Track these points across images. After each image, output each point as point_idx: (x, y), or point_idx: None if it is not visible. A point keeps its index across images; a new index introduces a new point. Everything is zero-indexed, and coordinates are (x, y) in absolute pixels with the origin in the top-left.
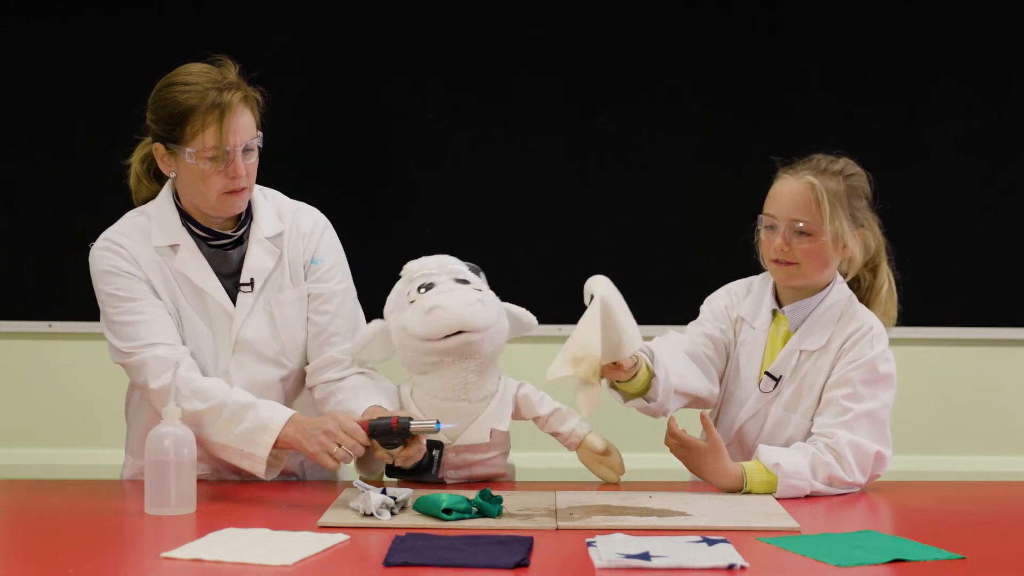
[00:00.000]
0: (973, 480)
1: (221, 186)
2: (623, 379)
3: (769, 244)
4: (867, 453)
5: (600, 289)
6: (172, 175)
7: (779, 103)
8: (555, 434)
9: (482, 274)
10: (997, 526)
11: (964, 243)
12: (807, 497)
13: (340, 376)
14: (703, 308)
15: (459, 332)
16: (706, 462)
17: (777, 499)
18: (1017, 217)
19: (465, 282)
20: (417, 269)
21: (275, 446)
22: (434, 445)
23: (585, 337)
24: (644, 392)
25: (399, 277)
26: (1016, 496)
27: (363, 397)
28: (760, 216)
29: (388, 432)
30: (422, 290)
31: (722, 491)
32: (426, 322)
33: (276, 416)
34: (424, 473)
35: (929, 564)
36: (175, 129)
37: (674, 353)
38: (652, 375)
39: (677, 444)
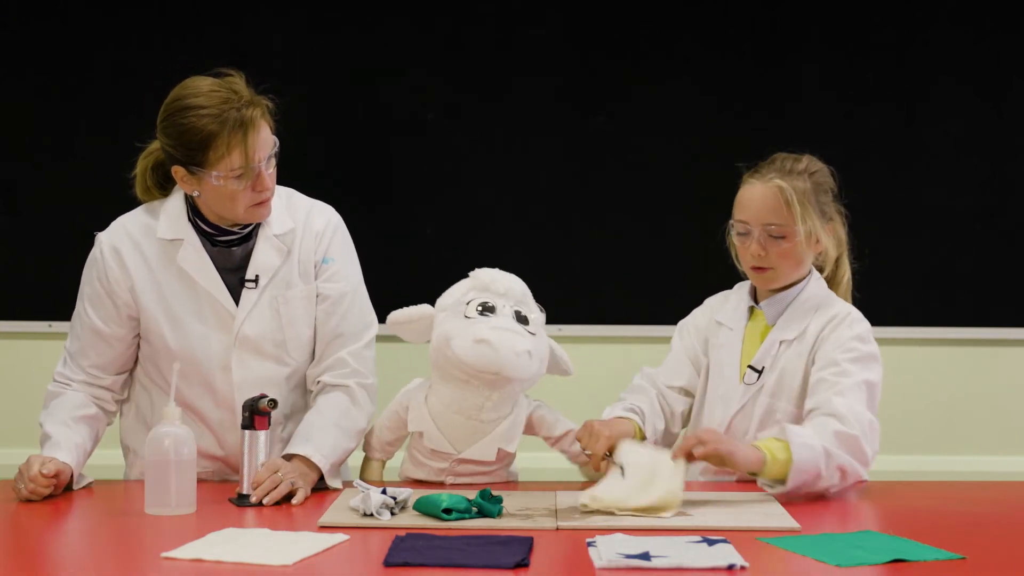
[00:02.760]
0: (973, 480)
1: (249, 200)
2: None
3: (745, 251)
4: (862, 417)
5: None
6: (195, 194)
7: (779, 103)
8: (565, 451)
9: (543, 315)
10: (997, 526)
11: (964, 243)
12: (807, 497)
13: (333, 382)
14: (675, 333)
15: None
16: (722, 443)
17: (789, 476)
18: (1017, 217)
19: (524, 319)
20: (486, 282)
21: None
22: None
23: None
24: None
25: (467, 275)
26: (1016, 496)
27: (299, 443)
28: (731, 223)
29: (254, 403)
30: (480, 310)
31: (746, 463)
32: (471, 350)
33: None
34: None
35: (929, 564)
36: (197, 154)
37: (654, 403)
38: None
39: (707, 453)
